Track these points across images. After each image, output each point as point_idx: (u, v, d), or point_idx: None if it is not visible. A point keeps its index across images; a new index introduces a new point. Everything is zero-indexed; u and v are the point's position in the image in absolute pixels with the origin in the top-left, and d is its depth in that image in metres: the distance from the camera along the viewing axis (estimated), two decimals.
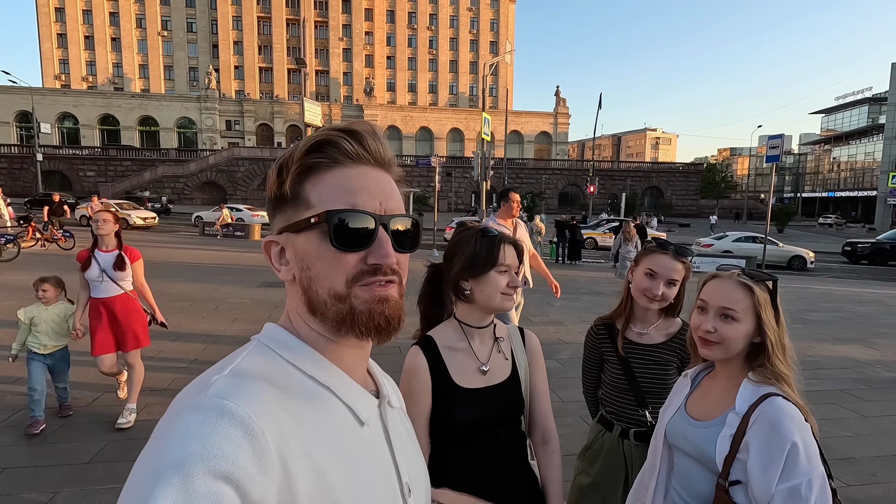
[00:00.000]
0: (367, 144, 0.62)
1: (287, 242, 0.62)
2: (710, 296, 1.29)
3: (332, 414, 0.59)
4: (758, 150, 72.56)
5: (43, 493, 2.89)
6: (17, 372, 4.78)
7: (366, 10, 68.47)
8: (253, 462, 0.47)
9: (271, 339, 0.62)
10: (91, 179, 45.16)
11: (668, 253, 1.71)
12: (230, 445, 0.46)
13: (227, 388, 0.52)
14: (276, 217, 0.64)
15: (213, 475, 0.44)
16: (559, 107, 67.87)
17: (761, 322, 1.23)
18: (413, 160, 50.81)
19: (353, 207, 0.59)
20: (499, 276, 1.34)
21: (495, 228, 1.41)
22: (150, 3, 63.89)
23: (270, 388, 0.54)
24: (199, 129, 58.70)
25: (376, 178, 0.63)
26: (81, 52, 63.37)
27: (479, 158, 16.90)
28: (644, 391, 1.73)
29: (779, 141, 13.79)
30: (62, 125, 56.38)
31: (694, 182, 57.63)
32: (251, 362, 0.58)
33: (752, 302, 1.24)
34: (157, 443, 0.48)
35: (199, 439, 0.46)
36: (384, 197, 0.62)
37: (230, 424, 0.48)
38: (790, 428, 1.10)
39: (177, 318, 7.02)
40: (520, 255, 1.40)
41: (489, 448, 1.36)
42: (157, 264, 12.17)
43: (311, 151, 0.60)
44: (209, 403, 0.50)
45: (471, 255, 1.35)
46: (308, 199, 0.60)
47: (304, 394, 0.57)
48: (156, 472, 0.44)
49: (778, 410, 1.14)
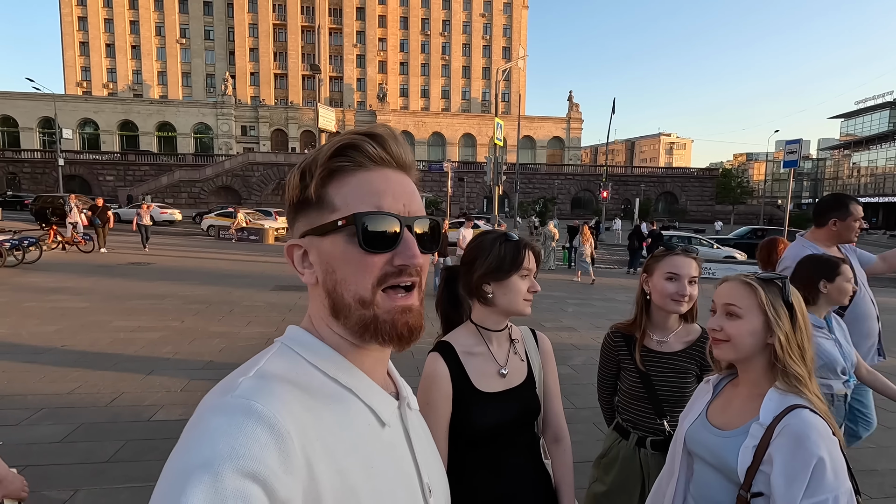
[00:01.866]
0: (389, 148, 0.62)
1: (311, 246, 0.62)
2: (718, 296, 1.31)
3: (354, 415, 0.60)
4: (775, 156, 71.61)
5: (63, 490, 2.95)
6: (38, 374, 4.88)
7: (379, 17, 69.12)
8: (279, 462, 0.48)
9: (294, 341, 0.63)
10: (110, 184, 46.09)
11: (680, 252, 1.73)
12: (257, 445, 0.47)
13: (252, 389, 0.53)
14: (298, 221, 0.64)
15: (241, 474, 0.45)
16: (572, 112, 67.65)
17: (769, 321, 1.22)
18: (426, 165, 51.03)
19: (379, 210, 0.60)
20: (521, 281, 1.36)
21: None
22: (170, 12, 65.23)
23: (294, 389, 0.55)
24: (216, 135, 59.58)
25: (399, 181, 0.63)
26: (102, 60, 64.90)
27: (491, 163, 16.90)
28: (662, 400, 1.71)
29: (796, 146, 13.57)
30: (83, 131, 57.65)
31: (709, 187, 56.95)
32: (275, 364, 0.59)
33: (756, 300, 1.23)
34: (186, 443, 0.49)
35: (227, 439, 0.47)
36: (407, 199, 0.63)
37: (257, 425, 0.49)
38: (817, 443, 1.08)
39: (192, 320, 7.12)
40: (538, 261, 1.41)
41: (507, 451, 1.37)
42: (172, 268, 12.36)
43: (336, 155, 0.61)
44: (236, 404, 0.51)
45: (495, 258, 1.36)
46: (333, 203, 0.61)
47: (326, 395, 0.58)
48: (185, 471, 0.45)
49: (804, 424, 1.11)
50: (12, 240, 11.40)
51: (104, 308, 7.66)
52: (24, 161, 47.31)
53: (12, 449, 3.40)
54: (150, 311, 7.53)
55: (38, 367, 5.01)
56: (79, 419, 3.88)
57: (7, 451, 3.39)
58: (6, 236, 11.98)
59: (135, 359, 5.35)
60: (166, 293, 8.98)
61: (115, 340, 5.96)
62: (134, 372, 4.92)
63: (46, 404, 4.12)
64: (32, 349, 5.56)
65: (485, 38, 71.83)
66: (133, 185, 44.40)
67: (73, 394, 4.38)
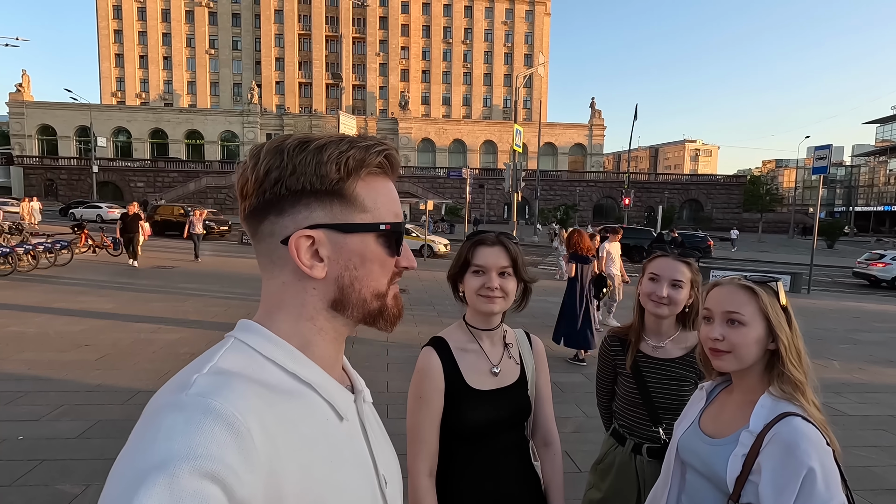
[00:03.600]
0: (399, 162, 0.68)
1: (328, 239, 0.61)
2: (714, 303, 1.23)
3: (312, 409, 0.59)
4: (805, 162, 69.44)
5: (76, 485, 3.03)
6: (61, 372, 5.05)
7: (402, 26, 69.98)
8: (239, 461, 0.47)
9: (248, 336, 0.61)
10: (141, 190, 47.63)
11: (669, 255, 1.68)
12: (216, 444, 0.46)
13: (209, 386, 0.51)
14: (312, 209, 0.61)
15: (199, 475, 0.44)
16: (594, 118, 67.01)
17: (772, 325, 1.17)
18: (445, 172, 51.19)
19: (397, 218, 0.66)
20: (473, 277, 1.36)
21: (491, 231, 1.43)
22: (200, 24, 67.41)
23: (252, 385, 0.54)
24: (242, 142, 61.00)
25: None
26: (136, 71, 67.39)
27: (510, 170, 16.87)
28: (658, 406, 1.67)
29: (826, 151, 13.17)
30: (116, 139, 59.75)
31: (736, 195, 55.59)
32: (230, 360, 0.57)
33: (758, 305, 1.17)
34: (139, 443, 0.47)
35: (184, 438, 0.45)
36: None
37: (215, 423, 0.47)
38: (807, 451, 1.03)
39: (211, 322, 7.28)
40: (514, 259, 1.36)
41: (497, 450, 1.37)
42: (194, 272, 12.66)
43: (376, 158, 0.62)
44: (192, 402, 0.49)
45: (455, 257, 1.40)
46: (364, 203, 0.62)
47: (284, 390, 0.57)
48: (139, 472, 0.43)
49: (795, 432, 1.06)
50: (45, 243, 11.88)
51: (127, 309, 7.89)
52: (62, 168, 49.32)
53: (32, 443, 3.52)
54: (170, 313, 7.73)
55: (62, 365, 5.18)
56: (96, 416, 4.00)
57: (27, 445, 3.52)
58: (40, 239, 12.49)
59: (153, 359, 5.49)
60: (187, 296, 9.21)
61: (135, 341, 6.14)
62: (151, 372, 5.05)
63: (66, 401, 4.26)
64: (58, 347, 5.76)
65: (507, 45, 71.95)
66: (162, 191, 45.76)
67: (92, 392, 4.51)
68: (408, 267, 0.67)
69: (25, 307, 7.66)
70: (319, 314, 0.63)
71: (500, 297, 1.34)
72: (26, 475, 3.11)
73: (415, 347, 6.23)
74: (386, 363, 5.62)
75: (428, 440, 1.31)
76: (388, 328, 0.67)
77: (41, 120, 57.26)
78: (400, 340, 6.19)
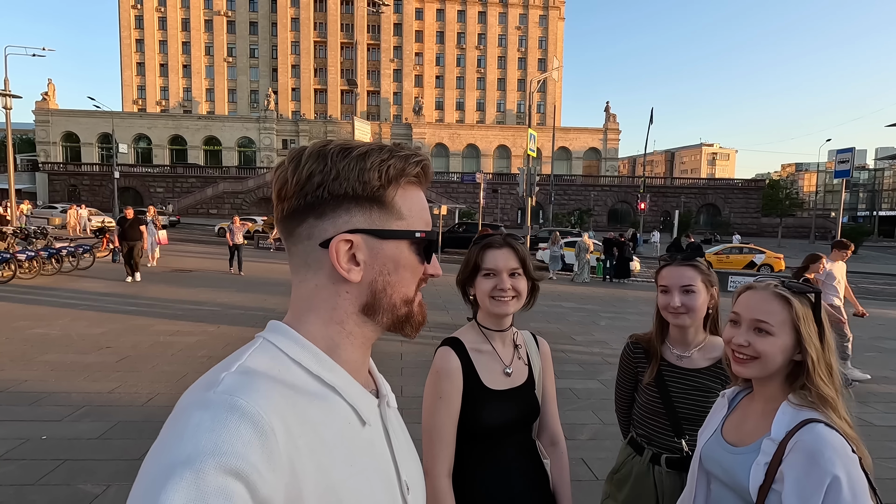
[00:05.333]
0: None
1: (365, 244, 0.62)
2: (744, 308, 1.20)
3: (335, 413, 0.60)
4: (827, 166, 68.09)
5: (97, 485, 3.08)
6: (83, 373, 5.15)
7: (416, 32, 70.43)
8: (263, 459, 0.48)
9: (276, 337, 0.62)
10: (160, 195, 48.58)
11: (673, 262, 1.64)
12: (240, 442, 0.47)
13: (235, 384, 0.52)
14: (352, 214, 0.62)
15: (224, 471, 0.45)
16: (609, 122, 66.53)
17: (801, 338, 1.13)
18: (458, 177, 51.26)
19: (430, 228, 0.67)
20: (484, 280, 1.37)
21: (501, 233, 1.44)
22: (218, 32, 68.73)
23: (278, 385, 0.55)
24: (258, 148, 61.85)
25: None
26: (157, 79, 68.94)
27: (524, 175, 16.82)
28: (681, 417, 1.62)
29: (848, 155, 12.87)
30: (137, 145, 61.06)
31: (754, 199, 54.63)
32: (257, 360, 0.58)
33: (789, 315, 1.13)
34: (167, 439, 0.49)
35: (210, 435, 0.47)
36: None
37: (240, 421, 0.48)
38: (831, 459, 1.00)
39: (228, 326, 7.36)
40: (523, 259, 1.38)
41: (510, 449, 1.39)
42: (212, 275, 12.83)
43: (415, 168, 0.64)
44: (219, 400, 0.50)
45: (464, 260, 1.42)
46: (401, 210, 0.64)
47: (309, 392, 0.58)
48: (167, 467, 0.45)
49: (818, 439, 1.03)
50: (69, 247, 12.17)
51: (147, 312, 8.03)
52: (84, 174, 50.58)
53: (55, 443, 3.59)
54: (188, 317, 7.84)
55: (84, 366, 5.29)
56: (116, 417, 4.06)
57: (50, 444, 3.60)
58: (64, 244, 12.80)
59: (172, 361, 5.57)
60: (205, 299, 9.34)
61: (155, 343, 6.24)
62: (170, 374, 5.12)
63: (88, 402, 4.34)
64: (80, 349, 5.89)
65: (520, 50, 71.96)
66: (180, 197, 46.60)
67: (112, 393, 4.59)
68: (434, 275, 0.69)
69: (49, 309, 7.84)
70: (350, 318, 0.64)
71: (513, 298, 1.36)
72: (49, 474, 3.17)
73: (429, 353, 6.19)
74: (400, 367, 5.63)
75: (447, 441, 1.31)
76: (413, 334, 0.69)
77: (65, 127, 58.82)
78: (414, 345, 6.19)
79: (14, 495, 2.96)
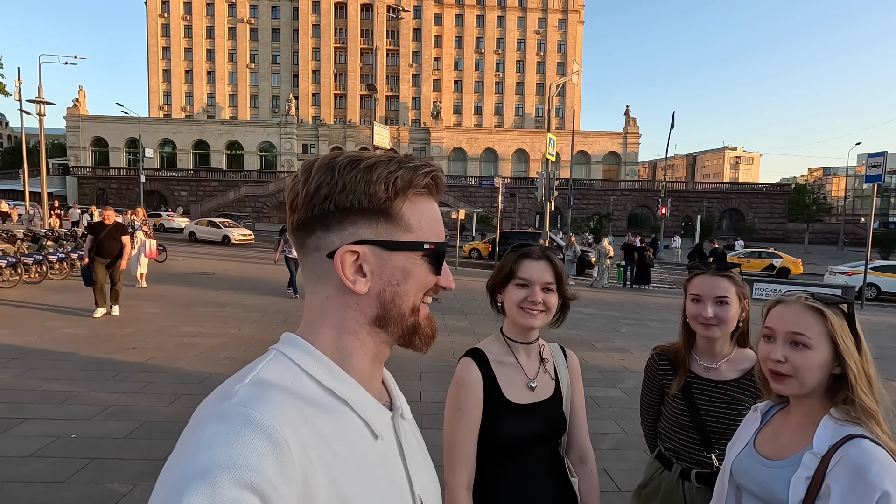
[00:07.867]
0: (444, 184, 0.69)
1: (372, 255, 0.62)
2: (777, 322, 1.16)
3: (347, 426, 0.60)
4: (856, 170, 66.22)
5: (124, 484, 3.15)
6: (110, 373, 5.28)
7: (435, 37, 70.91)
8: (276, 472, 0.48)
9: (289, 348, 0.63)
10: (184, 198, 49.69)
11: (707, 272, 1.60)
12: (255, 455, 0.47)
13: (249, 397, 0.53)
14: (358, 226, 0.62)
15: (238, 484, 0.45)
16: (629, 126, 65.81)
17: (839, 350, 1.10)
18: (476, 181, 51.23)
19: (441, 239, 0.66)
20: (516, 290, 1.35)
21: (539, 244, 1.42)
22: (241, 39, 70.28)
23: (291, 397, 0.55)
24: (279, 153, 62.90)
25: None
26: (182, 85, 70.81)
27: (543, 179, 16.73)
28: (710, 431, 1.58)
29: (880, 159, 12.51)
30: (162, 150, 62.64)
31: (780, 204, 53.35)
32: (271, 372, 0.58)
33: (825, 327, 1.11)
34: (183, 450, 0.49)
35: (225, 448, 0.47)
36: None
37: (255, 434, 0.49)
38: (879, 475, 0.97)
39: (249, 328, 7.48)
40: (559, 275, 1.36)
41: (533, 465, 1.35)
42: (234, 278, 13.05)
43: (424, 179, 0.64)
44: (233, 412, 0.50)
45: (497, 267, 1.41)
46: (409, 222, 0.63)
47: (321, 405, 0.58)
48: (182, 480, 0.45)
49: (865, 454, 1.01)
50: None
51: (172, 314, 8.20)
52: (112, 178, 52.09)
53: (83, 442, 3.68)
54: (211, 319, 7.99)
55: (111, 366, 5.42)
56: (142, 417, 4.15)
57: (79, 443, 3.69)
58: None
59: (195, 363, 5.67)
60: (228, 301, 9.50)
61: (179, 345, 6.36)
62: (193, 375, 5.22)
63: (115, 402, 4.44)
64: (108, 350, 6.04)
65: (539, 54, 71.80)
66: (203, 200, 47.58)
67: (139, 393, 4.70)
68: (446, 287, 0.68)
69: (79, 310, 8.07)
70: (362, 328, 0.64)
71: (541, 312, 1.34)
72: (78, 472, 3.25)
73: (447, 358, 6.24)
74: (419, 372, 5.63)
75: (467, 453, 1.30)
76: (424, 348, 0.68)
77: (95, 132, 60.71)
78: (432, 350, 6.19)
79: (45, 491, 3.04)
